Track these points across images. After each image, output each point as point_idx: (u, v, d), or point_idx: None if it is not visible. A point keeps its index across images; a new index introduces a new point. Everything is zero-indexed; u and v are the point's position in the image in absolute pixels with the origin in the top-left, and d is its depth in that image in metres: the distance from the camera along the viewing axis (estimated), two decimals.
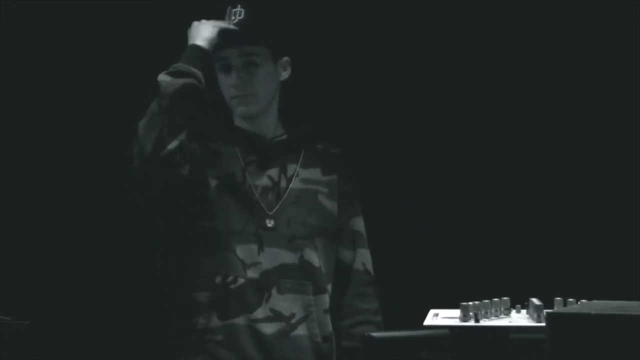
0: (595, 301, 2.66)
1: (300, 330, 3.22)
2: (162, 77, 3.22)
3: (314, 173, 3.36)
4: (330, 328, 3.35)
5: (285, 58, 3.34)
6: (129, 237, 4.40)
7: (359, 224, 3.47)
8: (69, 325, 4.36)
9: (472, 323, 3.08)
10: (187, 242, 3.24)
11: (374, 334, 3.04)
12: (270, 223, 3.22)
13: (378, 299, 3.46)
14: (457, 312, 3.20)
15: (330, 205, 3.36)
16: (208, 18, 3.45)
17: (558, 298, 3.08)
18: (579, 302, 3.04)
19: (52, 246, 4.44)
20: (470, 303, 3.13)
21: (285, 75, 3.35)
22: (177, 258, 3.24)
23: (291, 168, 3.33)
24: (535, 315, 3.04)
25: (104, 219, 4.46)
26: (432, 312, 3.26)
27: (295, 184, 3.30)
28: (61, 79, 4.55)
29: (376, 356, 3.28)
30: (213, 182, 3.21)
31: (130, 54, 4.50)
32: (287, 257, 3.24)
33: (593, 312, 2.31)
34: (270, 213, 3.24)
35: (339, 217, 3.39)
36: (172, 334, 3.22)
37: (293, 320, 3.21)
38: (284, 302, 3.21)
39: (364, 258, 3.46)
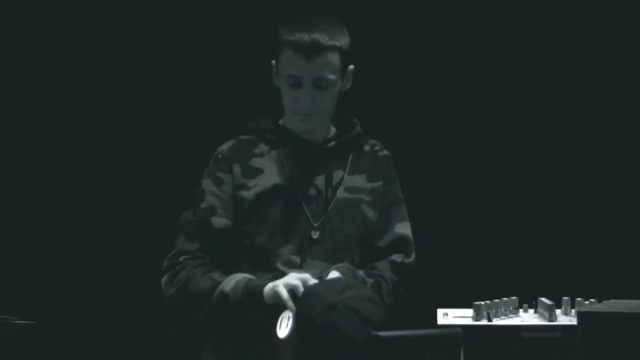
0: (617, 300, 2.72)
1: None
2: (231, 291, 3.03)
3: (360, 180, 3.27)
4: None
5: (351, 67, 3.24)
6: (135, 237, 4.39)
7: (407, 229, 3.35)
8: (77, 325, 4.34)
9: (485, 322, 3.14)
10: (231, 255, 3.20)
11: (381, 333, 3.05)
12: (315, 235, 3.16)
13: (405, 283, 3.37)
14: (466, 312, 3.27)
15: (373, 215, 3.27)
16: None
17: (565, 297, 3.15)
18: (587, 302, 3.12)
19: (55, 246, 4.41)
20: (483, 302, 3.18)
21: (348, 84, 3.28)
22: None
23: (337, 175, 3.25)
24: (547, 315, 3.11)
25: (109, 219, 4.44)
26: (441, 311, 3.30)
27: (340, 193, 3.23)
28: (61, 79, 4.52)
29: (383, 355, 3.30)
30: (257, 194, 3.16)
31: (130, 54, 4.50)
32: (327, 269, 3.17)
33: (625, 310, 2.37)
34: (316, 224, 3.18)
35: (381, 224, 3.30)
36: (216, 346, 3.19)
37: None
38: None
39: (408, 260, 3.36)
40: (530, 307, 3.23)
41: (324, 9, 4.44)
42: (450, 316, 3.25)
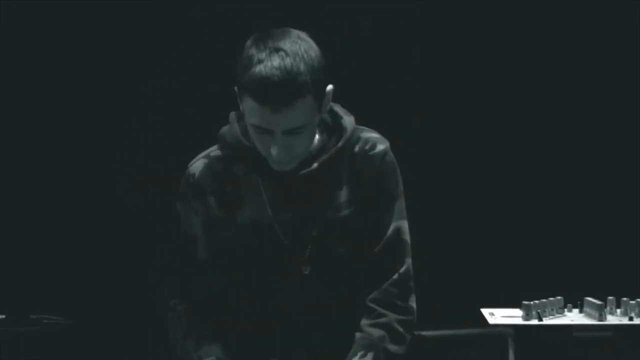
0: None
1: None
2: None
3: (349, 192, 2.86)
4: None
5: (328, 89, 2.73)
6: (138, 237, 4.42)
7: (404, 229, 3.00)
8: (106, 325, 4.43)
9: (535, 322, 3.28)
10: (225, 296, 2.93)
11: (424, 333, 3.12)
12: (306, 270, 2.84)
13: (410, 313, 3.01)
14: (511, 311, 3.40)
15: (361, 222, 2.87)
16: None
17: (611, 297, 3.30)
18: (634, 301, 3.27)
19: (58, 246, 4.43)
20: (532, 302, 3.32)
21: (327, 106, 2.78)
22: (219, 308, 2.94)
23: (322, 195, 2.83)
24: (596, 314, 3.26)
25: (112, 218, 4.43)
26: (486, 311, 3.42)
27: (328, 213, 2.83)
28: (61, 78, 4.39)
29: (427, 354, 3.46)
30: (235, 231, 2.83)
31: (130, 54, 4.35)
32: (331, 300, 2.86)
33: None
34: (304, 258, 2.82)
35: (373, 225, 2.89)
36: None
37: None
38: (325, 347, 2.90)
39: (406, 270, 2.98)
40: (575, 307, 3.38)
41: (324, 9, 4.32)
42: (498, 316, 3.37)
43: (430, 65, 4.47)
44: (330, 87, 2.74)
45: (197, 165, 2.86)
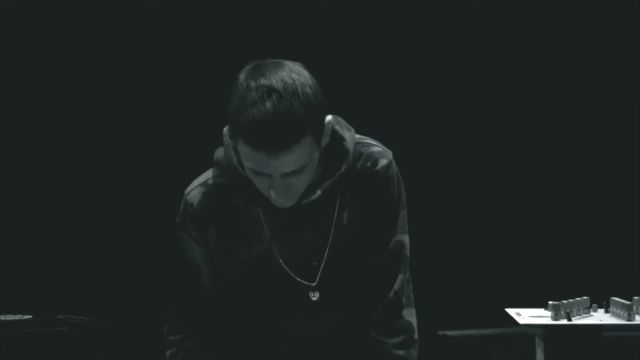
0: None
1: None
2: None
3: (351, 212, 2.76)
4: None
5: (327, 120, 2.58)
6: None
7: (405, 244, 2.85)
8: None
9: (565, 322, 3.30)
10: (233, 324, 2.82)
11: (449, 333, 3.13)
12: (314, 296, 2.75)
13: (410, 331, 2.90)
14: (537, 311, 3.42)
15: (368, 239, 2.78)
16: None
17: (636, 297, 3.32)
18: None
19: (63, 246, 4.47)
20: (560, 302, 3.34)
21: (327, 134, 2.60)
22: (226, 335, 2.83)
23: (327, 220, 2.72)
24: (624, 314, 3.28)
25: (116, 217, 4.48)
26: (512, 311, 3.44)
27: (334, 237, 2.73)
28: (61, 78, 4.42)
29: (451, 354, 3.48)
30: (240, 265, 2.72)
31: (130, 54, 4.39)
32: (341, 322, 2.80)
33: None
34: (313, 284, 2.74)
35: (377, 237, 2.80)
36: None
37: None
38: None
39: (399, 285, 2.84)
40: (600, 307, 3.40)
41: (321, 6, 4.34)
42: (525, 316, 3.40)
43: (430, 66, 4.51)
44: (329, 118, 2.59)
45: (195, 194, 2.69)
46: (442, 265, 4.44)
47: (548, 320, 3.34)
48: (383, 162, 2.74)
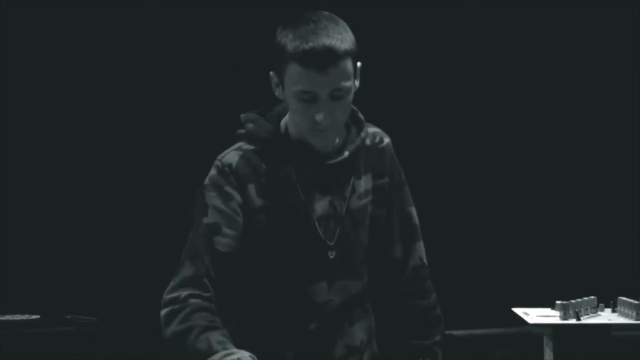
0: None
1: (367, 354, 3.03)
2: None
3: (367, 182, 3.00)
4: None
5: (359, 64, 2.88)
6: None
7: (413, 214, 3.10)
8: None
9: (574, 321, 3.32)
10: (254, 290, 2.94)
11: (455, 332, 3.15)
12: (331, 254, 2.91)
13: (434, 290, 3.20)
14: (544, 311, 3.43)
15: (380, 212, 3.02)
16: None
17: None
18: None
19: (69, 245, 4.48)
20: (568, 302, 3.35)
21: (358, 83, 2.91)
22: (246, 303, 2.95)
23: (347, 184, 2.96)
24: (632, 314, 3.30)
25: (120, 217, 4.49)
26: (519, 310, 3.43)
27: (353, 202, 2.96)
28: (62, 78, 4.42)
29: (458, 354, 3.49)
30: (273, 219, 2.89)
31: (130, 54, 4.39)
32: (355, 286, 2.97)
33: None
34: (331, 243, 2.92)
35: (390, 213, 3.04)
36: None
37: (362, 347, 3.00)
38: (355, 334, 2.98)
39: (420, 252, 3.11)
40: (607, 307, 3.40)
41: (320, 6, 4.36)
42: (533, 315, 3.40)
43: (430, 66, 4.53)
44: (359, 63, 2.88)
45: (232, 156, 2.92)
46: (448, 265, 4.46)
47: (557, 320, 3.34)
48: (386, 140, 3.07)
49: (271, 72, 2.88)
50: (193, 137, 4.51)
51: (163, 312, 2.84)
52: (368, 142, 3.03)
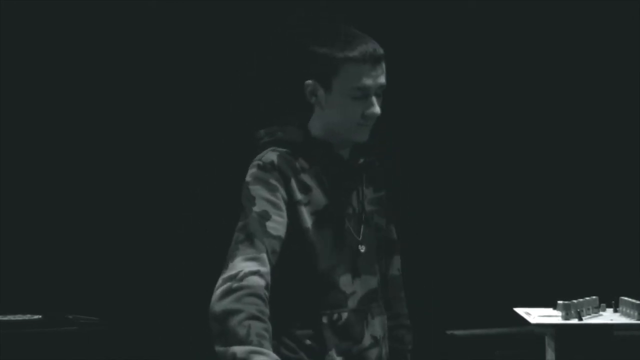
0: None
1: (384, 348, 3.25)
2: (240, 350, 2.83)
3: (371, 192, 3.28)
4: None
5: None
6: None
7: (394, 230, 3.40)
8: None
9: (576, 321, 3.32)
10: (288, 279, 3.09)
11: (457, 332, 3.18)
12: (362, 248, 3.17)
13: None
14: (546, 311, 3.43)
15: (381, 221, 3.31)
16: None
17: None
18: None
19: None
20: (570, 302, 3.36)
21: None
22: (279, 293, 3.05)
23: (361, 188, 3.24)
24: (635, 314, 3.31)
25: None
26: (521, 310, 3.44)
27: (366, 205, 3.23)
28: (62, 78, 4.43)
29: (459, 354, 3.50)
30: (312, 213, 3.10)
31: (130, 54, 4.40)
32: (373, 281, 3.21)
33: None
34: (360, 239, 3.18)
35: (388, 223, 3.35)
36: None
37: (381, 341, 3.22)
38: (376, 326, 3.21)
39: (399, 264, 3.40)
40: (609, 307, 3.39)
41: (320, 6, 4.37)
42: (535, 315, 3.41)
43: (429, 67, 4.54)
44: None
45: (271, 155, 3.11)
46: (450, 265, 4.47)
47: (559, 320, 3.34)
48: (377, 160, 3.31)
49: (308, 81, 3.11)
50: (193, 137, 4.51)
51: (221, 288, 2.92)
52: (363, 160, 3.25)
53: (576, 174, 4.56)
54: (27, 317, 3.95)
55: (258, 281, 2.93)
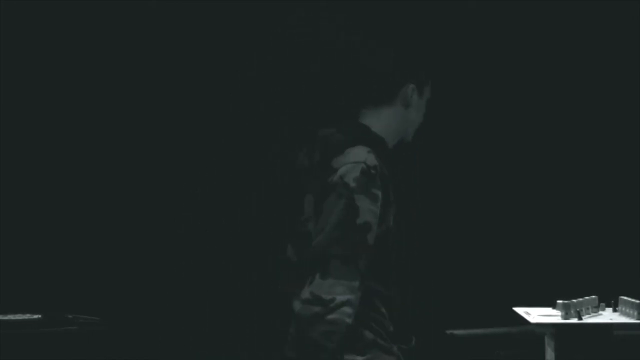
0: None
1: None
2: None
3: None
4: None
5: None
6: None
7: None
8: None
9: (575, 321, 3.33)
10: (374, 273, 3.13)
11: (457, 332, 3.19)
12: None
13: None
14: (546, 310, 3.44)
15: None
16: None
17: None
18: None
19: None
20: (569, 301, 3.37)
21: None
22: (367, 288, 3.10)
23: None
24: (634, 313, 3.32)
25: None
26: (520, 310, 3.45)
27: None
28: (62, 78, 4.43)
29: (459, 353, 3.50)
30: (392, 220, 3.15)
31: (130, 54, 4.40)
32: None
33: None
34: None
35: None
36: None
37: None
38: None
39: None
40: (608, 306, 3.42)
41: (320, 6, 4.37)
42: (534, 315, 3.42)
43: (430, 67, 4.54)
44: None
45: (372, 157, 3.09)
46: (449, 265, 4.47)
47: (559, 319, 3.35)
48: None
49: (412, 85, 3.25)
50: (193, 137, 4.51)
51: (313, 309, 2.97)
52: None
53: (576, 174, 4.57)
54: (27, 316, 3.94)
55: (347, 312, 2.97)
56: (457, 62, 4.56)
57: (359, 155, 3.06)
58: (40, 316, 3.95)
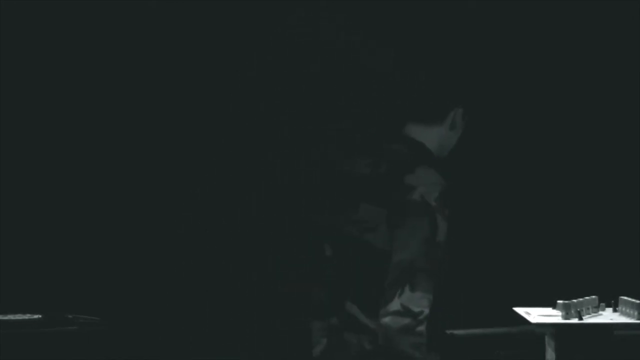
0: None
1: None
2: None
3: None
4: None
5: None
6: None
7: None
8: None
9: (576, 321, 3.33)
10: None
11: (457, 332, 3.23)
12: None
13: None
14: (546, 310, 3.44)
15: None
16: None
17: None
18: None
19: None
20: (570, 301, 3.37)
21: None
22: None
23: None
24: (635, 313, 3.31)
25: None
26: (521, 310, 3.45)
27: None
28: (62, 78, 4.42)
29: (459, 353, 3.50)
30: None
31: (130, 54, 4.39)
32: None
33: None
34: None
35: None
36: None
37: None
38: None
39: None
40: (608, 306, 3.42)
41: (320, 6, 4.37)
42: (535, 315, 3.42)
43: (430, 66, 4.54)
44: None
45: (442, 179, 3.35)
46: (450, 265, 4.45)
47: (559, 320, 3.35)
48: None
49: (461, 110, 3.58)
50: (193, 137, 4.50)
51: (403, 321, 3.15)
52: None
53: (576, 174, 4.56)
54: (27, 316, 3.95)
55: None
56: (457, 62, 4.55)
57: (435, 177, 3.32)
58: (40, 316, 3.95)
